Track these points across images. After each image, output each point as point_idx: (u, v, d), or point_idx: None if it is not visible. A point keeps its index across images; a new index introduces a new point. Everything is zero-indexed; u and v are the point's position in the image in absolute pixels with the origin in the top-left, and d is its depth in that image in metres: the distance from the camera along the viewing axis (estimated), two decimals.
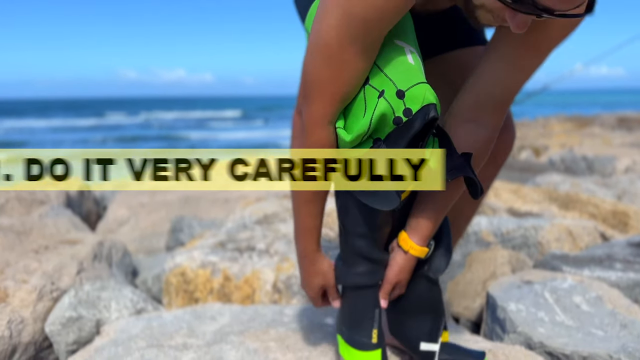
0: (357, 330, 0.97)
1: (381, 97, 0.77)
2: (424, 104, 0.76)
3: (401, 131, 0.78)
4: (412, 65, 0.78)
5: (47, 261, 1.54)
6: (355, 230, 0.95)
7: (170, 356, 1.10)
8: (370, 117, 0.78)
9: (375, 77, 0.79)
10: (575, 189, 2.84)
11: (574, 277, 1.43)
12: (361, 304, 0.97)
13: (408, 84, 0.76)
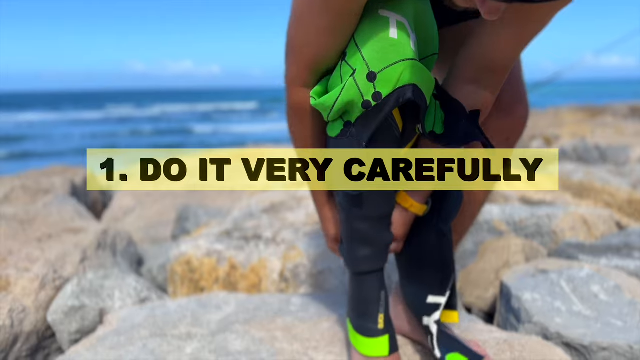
0: (364, 316, 0.94)
1: (352, 76, 0.73)
2: (397, 86, 0.71)
3: (369, 116, 0.74)
4: (393, 40, 0.70)
5: (50, 249, 1.51)
6: (356, 213, 0.90)
7: (174, 346, 1.07)
8: (336, 98, 0.74)
9: (352, 54, 0.74)
10: (589, 177, 2.77)
11: (591, 266, 1.38)
12: (366, 289, 0.93)
13: (382, 64, 0.70)
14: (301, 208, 1.95)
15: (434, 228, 0.95)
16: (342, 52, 0.77)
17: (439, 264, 0.96)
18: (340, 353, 1.02)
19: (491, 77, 0.82)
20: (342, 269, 1.46)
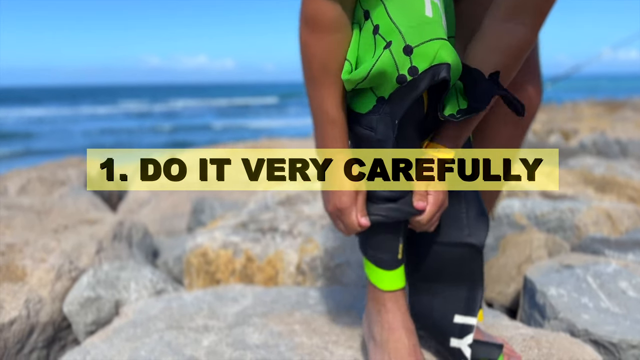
0: (383, 249, 0.87)
1: (387, 48, 0.71)
2: (434, 63, 0.69)
3: (404, 91, 0.72)
4: (428, 19, 0.70)
5: (66, 240, 1.50)
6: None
7: (190, 338, 1.05)
8: (370, 68, 0.72)
9: (386, 27, 0.72)
10: (611, 172, 2.71)
11: (618, 261, 1.34)
12: (386, 230, 0.87)
13: (419, 40, 0.69)
14: (317, 201, 1.92)
15: (465, 244, 0.90)
16: (375, 26, 0.73)
17: (468, 282, 0.91)
18: (360, 347, 0.99)
19: (531, 11, 0.77)
20: (359, 263, 1.43)
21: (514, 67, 0.82)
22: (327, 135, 0.81)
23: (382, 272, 0.88)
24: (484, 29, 0.80)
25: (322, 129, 0.81)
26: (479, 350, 0.90)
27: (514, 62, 0.81)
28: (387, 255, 0.87)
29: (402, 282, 0.89)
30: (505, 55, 0.79)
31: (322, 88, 0.78)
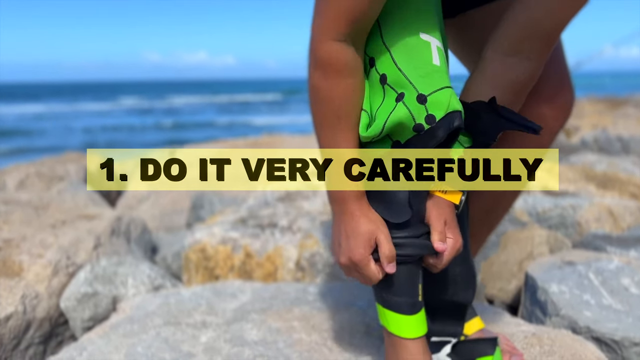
0: (402, 292, 0.80)
1: (400, 101, 0.70)
2: (448, 110, 0.69)
3: (423, 139, 0.71)
4: (436, 67, 0.70)
5: (63, 236, 1.49)
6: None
7: (188, 334, 1.04)
8: (384, 122, 0.70)
9: (394, 77, 0.71)
10: (613, 168, 2.69)
11: (620, 258, 1.33)
12: (407, 270, 0.80)
13: (431, 88, 0.69)
14: (317, 197, 1.91)
15: (450, 301, 0.88)
16: (382, 75, 0.71)
17: (452, 319, 0.89)
18: (360, 344, 0.98)
19: (538, 45, 0.75)
20: None
21: (517, 103, 0.80)
22: (340, 179, 0.75)
23: (403, 317, 0.80)
24: (485, 64, 0.78)
25: (333, 173, 0.76)
26: (474, 349, 0.88)
27: (517, 98, 0.79)
28: (407, 298, 0.80)
29: (425, 327, 0.81)
30: (508, 92, 0.77)
31: (337, 132, 0.74)
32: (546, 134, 0.93)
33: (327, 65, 0.72)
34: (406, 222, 0.76)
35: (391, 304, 0.80)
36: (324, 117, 0.75)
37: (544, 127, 0.89)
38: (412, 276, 0.80)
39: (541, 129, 0.75)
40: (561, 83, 0.92)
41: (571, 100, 0.94)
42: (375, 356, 0.94)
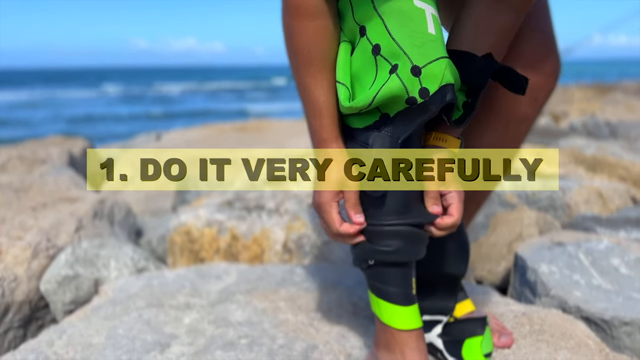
0: (393, 282, 0.77)
1: (393, 73, 0.66)
2: (442, 83, 0.66)
3: (414, 113, 0.68)
4: (432, 36, 0.67)
5: (44, 218, 1.45)
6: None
7: (171, 316, 1.01)
8: (375, 94, 0.67)
9: (388, 48, 0.67)
10: (602, 152, 2.69)
11: (610, 238, 1.32)
12: (394, 270, 0.78)
13: (425, 59, 0.66)
14: (305, 180, 1.88)
15: (443, 268, 0.86)
16: (375, 46, 0.68)
17: (443, 292, 0.87)
18: (347, 324, 0.96)
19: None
20: None
21: (503, 50, 0.77)
22: (314, 122, 0.75)
23: (397, 308, 0.77)
24: (472, 10, 0.75)
25: (308, 115, 0.76)
26: (464, 329, 0.86)
27: (505, 43, 0.77)
28: (401, 289, 0.77)
29: (419, 320, 0.79)
30: (497, 36, 0.75)
31: (308, 76, 0.73)
32: (532, 105, 0.91)
33: (296, 7, 0.71)
34: (392, 206, 0.74)
35: (384, 293, 0.78)
36: (297, 61, 0.74)
37: (528, 96, 0.87)
38: (402, 265, 0.77)
39: (527, 84, 0.72)
40: (547, 50, 0.89)
41: (557, 69, 0.92)
42: (363, 336, 0.92)
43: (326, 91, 0.74)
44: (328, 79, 0.73)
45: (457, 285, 0.88)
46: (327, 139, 0.75)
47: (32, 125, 14.49)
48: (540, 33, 0.88)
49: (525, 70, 0.87)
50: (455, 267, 0.87)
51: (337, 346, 0.89)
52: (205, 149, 2.72)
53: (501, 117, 0.91)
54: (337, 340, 0.91)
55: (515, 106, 0.90)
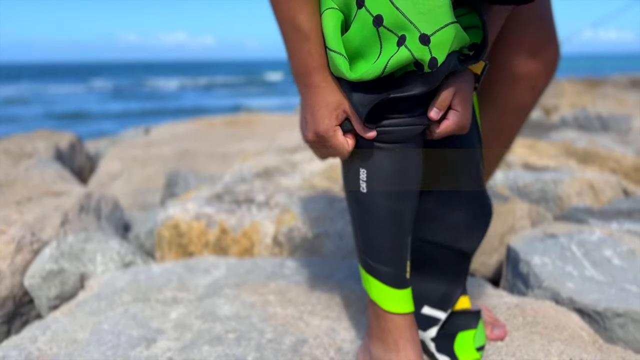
0: (387, 261, 0.75)
1: (402, 44, 0.63)
2: (449, 51, 0.63)
3: (420, 80, 0.66)
4: (438, 2, 0.63)
5: (29, 212, 1.42)
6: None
7: (158, 311, 0.99)
8: (384, 65, 0.64)
9: (392, 19, 0.63)
10: (593, 145, 2.70)
11: (602, 230, 1.31)
12: (390, 237, 0.75)
13: (434, 27, 0.62)
14: (296, 173, 1.86)
15: (454, 249, 0.81)
16: (377, 17, 0.64)
17: (450, 281, 0.83)
18: (338, 317, 0.94)
19: None
20: (339, 234, 1.38)
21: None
22: (301, 52, 0.70)
23: (387, 289, 0.75)
24: None
25: (294, 46, 0.71)
26: (457, 323, 0.84)
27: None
28: (393, 269, 0.75)
29: (411, 305, 0.76)
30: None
31: (291, 1, 0.69)
32: (530, 92, 0.89)
33: None
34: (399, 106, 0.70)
35: (375, 271, 0.75)
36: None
37: (527, 84, 0.85)
38: (400, 246, 0.74)
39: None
40: (548, 38, 0.88)
41: (557, 57, 0.90)
42: (354, 329, 0.91)
43: (312, 15, 0.69)
44: (312, 4, 0.69)
45: (465, 268, 0.84)
46: (317, 66, 0.71)
47: (19, 121, 14.18)
48: (541, 21, 0.86)
49: (525, 57, 0.86)
50: (465, 240, 0.82)
51: (327, 340, 0.88)
52: (194, 142, 2.69)
53: (499, 105, 0.90)
54: (327, 334, 0.89)
55: (514, 94, 0.89)
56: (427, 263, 0.83)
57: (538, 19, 0.86)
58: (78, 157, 2.53)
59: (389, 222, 0.74)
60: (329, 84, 0.71)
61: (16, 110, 17.24)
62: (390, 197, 0.73)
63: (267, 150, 2.28)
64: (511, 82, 0.87)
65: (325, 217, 1.43)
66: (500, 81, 0.87)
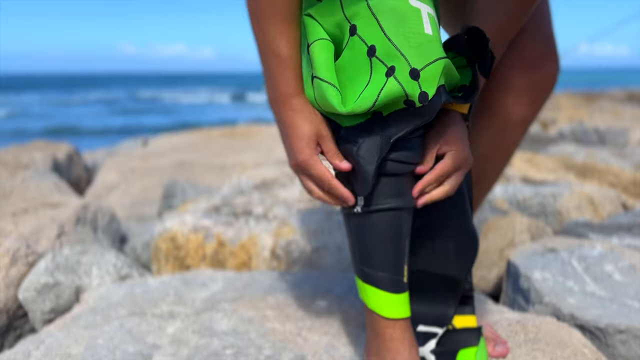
0: (383, 266, 0.74)
1: (390, 76, 0.63)
2: (438, 85, 0.64)
3: (410, 114, 0.67)
4: (428, 37, 0.64)
5: (24, 224, 1.40)
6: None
7: (154, 325, 0.97)
8: (376, 98, 0.64)
9: (384, 49, 0.64)
10: (591, 158, 2.70)
11: (603, 244, 1.30)
12: (388, 240, 0.74)
13: (424, 61, 0.63)
14: (294, 185, 1.85)
15: (446, 269, 0.81)
16: (371, 47, 0.65)
17: (446, 298, 0.83)
18: (337, 333, 0.93)
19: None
20: (338, 247, 1.37)
21: (509, 34, 0.75)
22: (280, 77, 0.71)
23: (385, 294, 0.74)
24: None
25: (273, 71, 0.72)
26: (457, 340, 0.83)
27: (509, 30, 0.74)
28: (390, 274, 0.74)
29: (407, 309, 0.76)
30: (513, 6, 0.72)
31: (271, 25, 0.69)
32: (530, 107, 0.89)
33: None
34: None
35: (372, 278, 0.74)
36: (261, 9, 0.69)
37: (527, 98, 0.85)
38: (398, 252, 0.74)
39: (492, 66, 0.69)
40: (548, 51, 0.88)
41: (556, 70, 0.90)
42: (353, 346, 0.89)
43: (291, 42, 0.70)
44: (292, 31, 0.70)
45: (457, 291, 0.84)
46: (292, 93, 0.71)
47: (15, 134, 13.98)
48: (542, 34, 0.86)
49: (525, 71, 0.86)
50: (455, 269, 0.82)
51: (326, 356, 0.86)
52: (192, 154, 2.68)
53: (498, 119, 0.89)
54: (326, 351, 0.88)
55: (514, 108, 0.88)
56: (419, 289, 0.83)
57: (540, 33, 0.86)
58: (75, 168, 2.51)
59: (386, 227, 0.74)
60: (304, 112, 0.72)
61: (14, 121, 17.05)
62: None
63: (266, 162, 2.27)
64: (511, 96, 0.87)
65: (324, 229, 1.42)
66: (499, 95, 0.86)
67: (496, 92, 0.87)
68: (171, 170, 2.38)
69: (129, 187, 2.29)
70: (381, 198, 0.72)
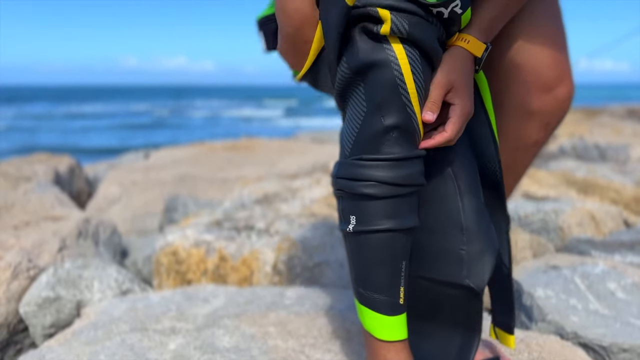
0: (380, 288, 0.71)
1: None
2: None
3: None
4: None
5: (26, 237, 1.40)
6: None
7: (156, 341, 0.97)
8: None
9: None
10: (592, 174, 2.70)
11: (605, 262, 1.30)
12: (384, 262, 0.70)
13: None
14: (296, 199, 1.85)
15: (461, 286, 0.74)
16: None
17: (463, 329, 0.78)
18: (340, 351, 0.93)
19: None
20: (340, 263, 1.36)
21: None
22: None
23: (380, 317, 0.71)
24: None
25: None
26: None
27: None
28: (387, 297, 0.71)
29: (404, 331, 0.72)
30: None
31: None
32: (543, 130, 0.87)
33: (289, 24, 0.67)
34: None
35: (369, 300, 0.72)
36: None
37: (540, 121, 0.84)
38: (393, 275, 0.71)
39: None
40: (562, 74, 0.85)
41: (571, 93, 0.87)
42: None
43: None
44: None
45: (479, 310, 0.78)
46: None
47: (18, 147, 13.86)
48: (556, 57, 0.85)
49: (539, 93, 0.84)
50: (472, 275, 0.75)
51: None
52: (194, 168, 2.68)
53: (511, 141, 0.88)
54: None
55: (526, 130, 0.87)
56: (437, 308, 0.78)
57: (554, 56, 0.84)
58: (77, 181, 2.52)
59: (380, 248, 0.70)
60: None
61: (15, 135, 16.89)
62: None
63: (267, 176, 2.28)
64: (524, 118, 0.85)
65: (326, 245, 1.42)
66: (513, 117, 0.85)
67: (509, 114, 0.86)
68: (173, 184, 2.38)
69: (130, 201, 2.29)
70: (375, 218, 0.68)
